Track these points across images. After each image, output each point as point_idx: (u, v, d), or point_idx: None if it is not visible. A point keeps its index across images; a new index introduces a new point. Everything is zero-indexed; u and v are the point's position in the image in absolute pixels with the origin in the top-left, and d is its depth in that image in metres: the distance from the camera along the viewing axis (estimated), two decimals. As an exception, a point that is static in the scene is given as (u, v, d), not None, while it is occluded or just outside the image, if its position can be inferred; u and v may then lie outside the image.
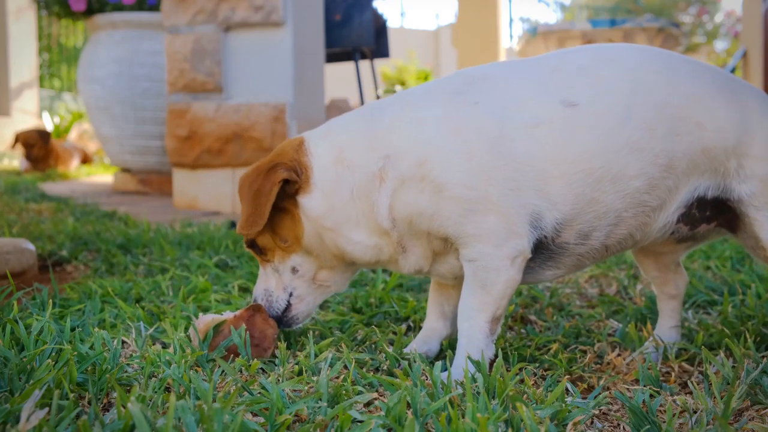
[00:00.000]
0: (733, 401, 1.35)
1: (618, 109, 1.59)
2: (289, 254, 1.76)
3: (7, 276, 2.35)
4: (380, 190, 1.63)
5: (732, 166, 1.64)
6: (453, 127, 1.60)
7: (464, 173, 1.56)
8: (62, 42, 14.53)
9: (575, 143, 1.58)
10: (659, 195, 1.63)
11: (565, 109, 1.60)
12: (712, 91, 1.65)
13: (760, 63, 8.06)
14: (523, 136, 1.58)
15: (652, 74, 1.64)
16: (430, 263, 1.71)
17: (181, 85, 4.96)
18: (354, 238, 1.68)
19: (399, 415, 1.25)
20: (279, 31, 4.81)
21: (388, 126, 1.65)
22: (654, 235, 1.70)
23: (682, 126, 1.61)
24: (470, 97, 1.64)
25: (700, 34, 16.40)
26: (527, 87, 1.64)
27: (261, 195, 1.66)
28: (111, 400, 1.44)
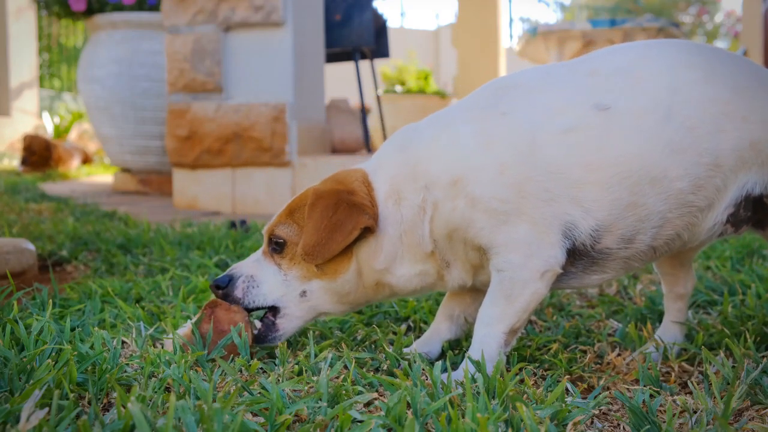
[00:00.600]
0: (733, 401, 1.35)
1: (657, 110, 1.56)
2: (312, 278, 1.68)
3: (7, 276, 2.35)
4: (424, 220, 1.61)
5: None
6: (484, 142, 1.58)
7: (497, 187, 1.54)
8: (62, 42, 14.53)
9: (609, 148, 1.54)
10: (706, 195, 1.59)
11: (598, 113, 1.56)
12: (754, 84, 1.62)
13: (760, 63, 8.05)
14: (555, 144, 1.55)
15: (692, 71, 1.60)
16: (472, 276, 1.69)
17: (181, 85, 4.96)
18: (399, 273, 1.66)
19: (399, 415, 1.25)
20: (279, 31, 4.81)
21: (424, 151, 1.63)
22: (704, 236, 1.66)
23: (727, 122, 1.57)
24: (499, 108, 1.61)
25: (700, 34, 16.40)
26: (557, 93, 1.61)
27: (338, 231, 1.59)
28: (111, 400, 1.44)
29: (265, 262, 1.72)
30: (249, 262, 1.73)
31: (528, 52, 8.12)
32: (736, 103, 1.59)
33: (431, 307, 2.20)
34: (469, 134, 1.60)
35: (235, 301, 1.70)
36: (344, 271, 1.66)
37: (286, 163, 4.85)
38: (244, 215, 4.69)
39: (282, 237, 1.68)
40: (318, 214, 1.61)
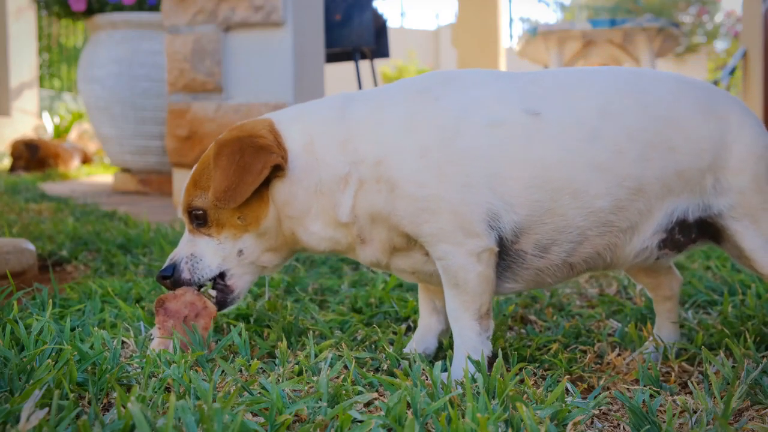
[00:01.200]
0: (733, 401, 1.35)
1: (585, 128, 1.59)
2: (242, 234, 1.70)
3: (7, 276, 2.35)
4: (344, 192, 1.62)
5: (708, 183, 1.63)
6: (410, 125, 1.60)
7: (416, 170, 1.56)
8: (62, 42, 14.53)
9: (532, 150, 1.57)
10: (628, 217, 1.62)
11: (527, 116, 1.59)
12: (690, 111, 1.64)
13: (760, 63, 8.05)
14: (479, 134, 1.57)
15: (627, 99, 1.63)
16: (388, 257, 1.70)
17: (181, 85, 4.96)
18: (311, 229, 1.68)
19: (399, 415, 1.25)
20: (279, 31, 4.81)
21: (356, 128, 1.64)
22: (631, 259, 1.68)
23: (653, 152, 1.60)
24: (433, 93, 1.64)
25: (700, 34, 16.40)
26: (493, 91, 1.64)
27: (247, 173, 1.60)
28: (111, 400, 1.44)
29: (196, 238, 1.73)
30: (182, 245, 1.75)
31: (528, 52, 8.12)
32: (665, 134, 1.61)
33: (431, 307, 2.20)
34: (398, 116, 1.62)
35: (186, 283, 1.72)
36: (265, 216, 1.67)
37: (286, 163, 4.85)
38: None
39: (200, 207, 1.70)
40: (225, 160, 1.62)
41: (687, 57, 15.86)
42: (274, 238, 1.71)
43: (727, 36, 16.04)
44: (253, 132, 1.66)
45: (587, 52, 7.53)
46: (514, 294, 2.41)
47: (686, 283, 2.55)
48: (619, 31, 7.22)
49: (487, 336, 1.63)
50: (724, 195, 1.63)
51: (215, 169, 1.63)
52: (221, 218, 1.70)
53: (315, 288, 2.49)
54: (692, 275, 2.63)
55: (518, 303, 2.33)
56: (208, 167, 1.68)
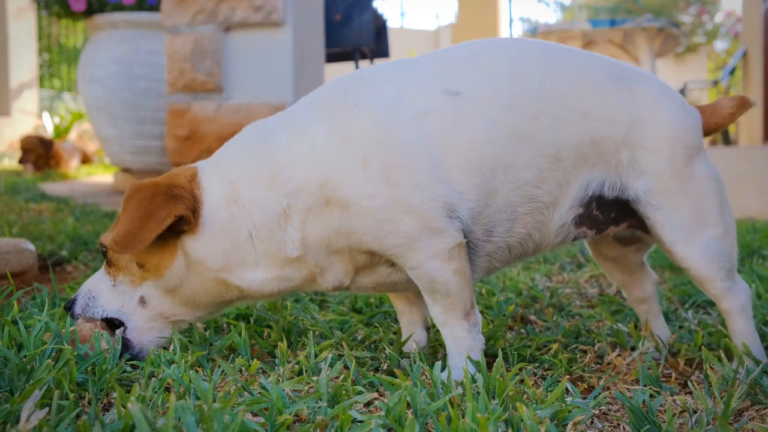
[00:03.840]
0: (733, 401, 1.35)
1: (501, 97, 1.56)
2: (141, 282, 1.63)
3: (7, 276, 2.34)
4: (287, 227, 1.55)
5: (624, 158, 1.60)
6: (341, 138, 1.53)
7: (364, 183, 1.50)
8: (62, 42, 14.52)
9: (464, 131, 1.54)
10: (550, 190, 1.59)
11: (449, 98, 1.55)
12: (601, 79, 1.61)
13: (760, 63, 8.06)
14: (410, 127, 1.52)
15: (534, 62, 1.60)
16: (351, 277, 1.64)
17: (181, 85, 4.96)
18: (249, 277, 1.60)
19: (399, 415, 1.25)
20: (279, 31, 4.81)
21: (282, 159, 1.55)
22: (553, 238, 1.65)
23: (567, 115, 1.57)
24: (351, 99, 1.58)
25: (700, 34, 16.39)
26: (406, 82, 1.59)
27: (150, 219, 1.53)
28: (111, 400, 1.44)
29: (102, 275, 1.68)
30: (93, 278, 1.70)
31: (528, 52, 8.11)
32: (577, 97, 1.58)
33: (431, 307, 2.20)
34: (325, 133, 1.54)
35: (77, 317, 1.68)
36: (169, 266, 1.60)
37: (286, 163, 4.85)
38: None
39: (103, 244, 1.64)
40: (133, 205, 1.56)
41: (687, 57, 15.86)
42: (182, 287, 1.63)
43: (727, 36, 16.05)
44: (173, 180, 1.59)
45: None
46: (513, 294, 2.41)
47: (686, 283, 2.55)
48: (619, 31, 7.22)
49: (477, 330, 1.60)
50: (642, 177, 1.60)
51: (123, 211, 1.57)
52: (119, 261, 1.64)
53: (316, 288, 2.49)
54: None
55: (518, 303, 2.33)
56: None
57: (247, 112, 4.86)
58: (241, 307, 2.12)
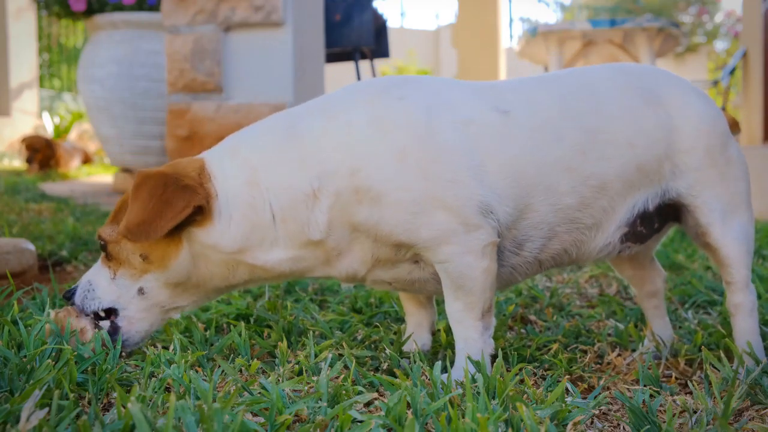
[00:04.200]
0: (733, 401, 1.35)
1: (549, 129, 1.60)
2: (143, 274, 1.63)
3: (7, 276, 2.34)
4: (314, 209, 1.54)
5: (666, 169, 1.66)
6: (380, 128, 1.53)
7: (398, 175, 1.50)
8: (62, 42, 14.52)
9: (507, 145, 1.56)
10: (593, 214, 1.63)
11: (498, 114, 1.59)
12: (639, 105, 1.65)
13: (760, 63, 8.05)
14: (454, 130, 1.54)
15: (581, 102, 1.64)
16: (367, 268, 1.62)
17: (181, 85, 4.96)
18: (265, 257, 1.59)
19: (399, 415, 1.25)
20: (279, 31, 4.81)
21: (314, 142, 1.55)
22: (595, 254, 1.69)
23: (613, 150, 1.62)
24: (395, 93, 1.58)
25: (700, 34, 16.39)
26: (458, 92, 1.62)
27: (168, 208, 1.51)
28: (111, 400, 1.44)
29: (101, 266, 1.68)
30: (92, 269, 1.70)
31: (528, 53, 8.12)
32: (622, 132, 1.63)
33: (431, 307, 2.20)
34: (364, 121, 1.54)
35: (78, 308, 1.67)
36: (175, 257, 1.59)
37: (286, 163, 4.85)
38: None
39: (103, 238, 1.64)
40: (146, 192, 1.53)
41: (687, 57, 15.86)
42: (187, 276, 1.63)
43: (727, 36, 16.04)
44: (181, 171, 1.58)
45: (587, 52, 7.53)
46: (513, 294, 2.40)
47: (686, 283, 2.55)
48: (619, 31, 7.22)
49: (489, 334, 1.62)
50: (682, 177, 1.66)
51: (134, 200, 1.54)
52: (120, 254, 1.63)
53: (315, 288, 2.49)
54: (692, 275, 2.63)
55: (518, 303, 2.33)
56: (121, 203, 1.65)
57: (247, 112, 4.86)
58: (241, 307, 2.12)
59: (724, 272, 1.70)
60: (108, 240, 1.63)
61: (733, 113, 11.26)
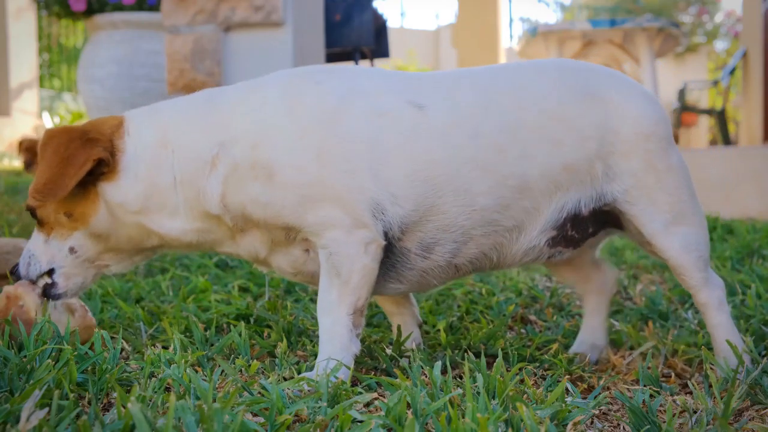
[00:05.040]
0: (733, 401, 1.35)
1: (466, 126, 1.55)
2: (71, 232, 1.65)
3: (7, 276, 2.34)
4: (210, 177, 1.55)
5: (599, 170, 1.59)
6: (289, 106, 1.54)
7: (294, 153, 1.50)
8: (62, 42, 14.52)
9: (418, 143, 1.54)
10: (513, 216, 1.58)
11: (412, 108, 1.56)
12: (571, 101, 1.60)
13: (760, 63, 8.05)
14: (361, 120, 1.53)
15: (505, 96, 1.59)
16: (267, 250, 1.63)
17: (181, 85, 4.96)
18: (169, 225, 1.61)
19: (399, 415, 1.25)
20: (279, 31, 4.81)
21: (227, 110, 1.58)
22: (519, 258, 1.65)
23: (536, 147, 1.56)
24: (316, 78, 1.59)
25: (700, 34, 16.39)
26: (377, 82, 1.60)
27: (70, 164, 1.53)
28: (111, 400, 1.44)
29: (36, 233, 1.70)
30: (30, 240, 1.72)
31: (528, 52, 8.12)
32: (548, 128, 1.57)
33: (431, 307, 2.20)
34: (276, 97, 1.56)
35: (24, 278, 1.69)
36: (94, 214, 1.61)
37: (286, 163, 4.85)
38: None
39: (30, 206, 1.65)
40: (50, 151, 1.56)
41: (687, 57, 15.86)
42: (108, 233, 1.64)
43: (727, 36, 16.04)
44: (92, 127, 1.61)
45: (587, 52, 7.53)
46: (513, 294, 2.40)
47: (686, 283, 2.55)
48: (619, 31, 7.22)
49: (357, 333, 1.57)
50: (617, 180, 1.60)
51: (41, 160, 1.56)
52: (48, 216, 1.65)
53: (315, 288, 2.49)
54: (692, 275, 2.63)
55: (518, 303, 2.33)
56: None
57: (247, 112, 4.86)
58: (241, 307, 2.12)
59: (679, 279, 1.67)
60: (35, 206, 1.64)
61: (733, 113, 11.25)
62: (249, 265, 2.79)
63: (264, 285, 2.41)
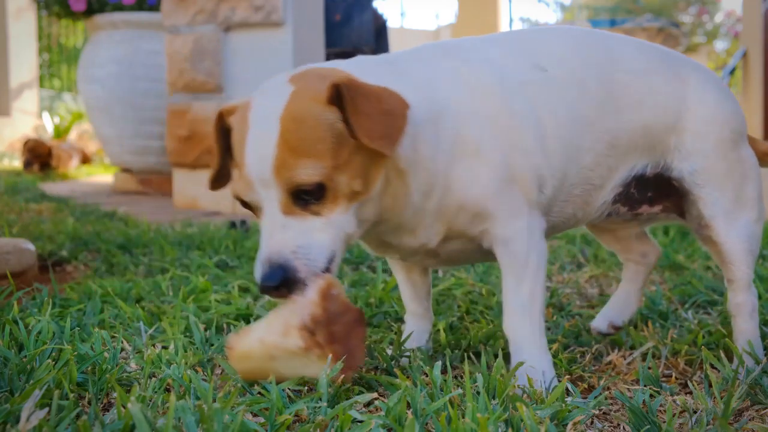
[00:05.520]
0: (733, 401, 1.35)
1: (574, 82, 1.57)
2: (352, 203, 1.36)
3: (7, 276, 2.34)
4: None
5: (672, 142, 1.63)
6: (465, 85, 1.48)
7: (492, 137, 1.45)
8: (62, 42, 14.52)
9: (554, 108, 1.53)
10: (601, 174, 1.61)
11: (539, 72, 1.55)
12: (654, 67, 1.64)
13: (760, 63, 8.06)
14: (519, 93, 1.51)
15: (597, 50, 1.62)
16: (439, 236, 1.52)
17: (181, 85, 4.96)
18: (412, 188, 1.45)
19: (399, 415, 1.25)
20: (279, 31, 4.81)
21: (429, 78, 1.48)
22: (591, 216, 1.67)
23: (625, 103, 1.60)
24: (460, 55, 1.53)
25: (700, 34, 16.40)
26: (500, 51, 1.58)
27: (394, 117, 1.31)
28: (111, 400, 1.44)
29: (297, 220, 1.33)
30: (275, 236, 1.33)
31: (528, 52, 8.12)
32: (634, 86, 1.61)
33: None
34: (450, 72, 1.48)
35: (303, 286, 1.32)
36: (378, 179, 1.39)
37: (286, 163, 4.85)
38: (244, 215, 4.69)
39: (314, 181, 1.30)
40: (364, 103, 1.30)
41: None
42: (376, 205, 1.42)
43: (727, 36, 16.05)
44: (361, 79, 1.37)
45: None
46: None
47: (686, 283, 2.55)
48: (619, 31, 7.22)
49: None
50: (688, 158, 1.64)
51: (356, 113, 1.29)
52: (340, 187, 1.33)
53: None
54: (692, 275, 2.63)
55: (518, 303, 2.33)
56: (307, 128, 1.31)
57: (247, 112, 4.86)
58: (242, 307, 2.12)
59: (726, 269, 1.69)
60: (324, 178, 1.31)
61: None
62: (249, 265, 2.79)
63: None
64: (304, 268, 1.32)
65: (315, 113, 1.32)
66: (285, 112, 1.32)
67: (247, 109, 1.39)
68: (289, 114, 1.32)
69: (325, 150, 1.31)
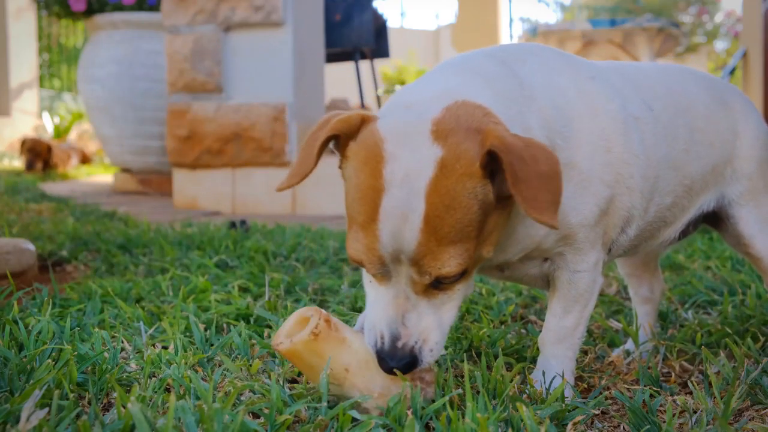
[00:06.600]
0: (733, 401, 1.35)
1: (671, 125, 1.57)
2: (477, 266, 1.28)
3: (7, 276, 2.34)
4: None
5: (728, 173, 1.67)
6: (589, 106, 1.38)
7: (603, 166, 1.38)
8: (62, 42, 14.52)
9: (656, 147, 1.51)
10: (675, 213, 1.62)
11: (648, 110, 1.52)
12: (715, 105, 1.66)
13: (760, 63, 8.05)
14: (635, 127, 1.45)
15: (682, 98, 1.62)
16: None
17: (181, 85, 4.96)
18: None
19: (399, 415, 1.25)
20: (279, 31, 4.81)
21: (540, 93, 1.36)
22: (649, 249, 1.69)
23: (701, 148, 1.61)
24: (585, 71, 1.43)
25: (700, 34, 16.40)
26: (618, 78, 1.51)
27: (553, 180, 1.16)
28: (111, 400, 1.44)
29: (428, 301, 1.24)
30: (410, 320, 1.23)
31: (528, 52, 8.12)
32: (707, 131, 1.63)
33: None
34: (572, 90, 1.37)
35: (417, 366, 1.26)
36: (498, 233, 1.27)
37: (286, 163, 4.86)
38: (244, 215, 4.69)
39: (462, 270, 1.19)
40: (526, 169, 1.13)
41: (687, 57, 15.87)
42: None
43: (727, 36, 16.04)
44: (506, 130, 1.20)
45: (587, 52, 7.53)
46: (513, 294, 2.41)
47: (686, 283, 2.55)
48: (619, 31, 7.22)
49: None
50: (736, 182, 1.67)
51: (517, 184, 1.12)
52: (478, 262, 1.26)
53: (315, 288, 2.49)
54: (692, 275, 2.63)
55: (518, 303, 2.33)
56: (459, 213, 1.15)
57: (247, 112, 4.86)
58: (241, 307, 2.12)
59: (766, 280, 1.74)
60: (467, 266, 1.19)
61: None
62: (249, 265, 2.79)
63: (264, 285, 2.41)
64: (429, 358, 1.25)
65: (468, 192, 1.15)
66: (432, 189, 1.13)
67: (379, 158, 1.16)
68: (437, 193, 1.14)
69: (473, 231, 1.17)
